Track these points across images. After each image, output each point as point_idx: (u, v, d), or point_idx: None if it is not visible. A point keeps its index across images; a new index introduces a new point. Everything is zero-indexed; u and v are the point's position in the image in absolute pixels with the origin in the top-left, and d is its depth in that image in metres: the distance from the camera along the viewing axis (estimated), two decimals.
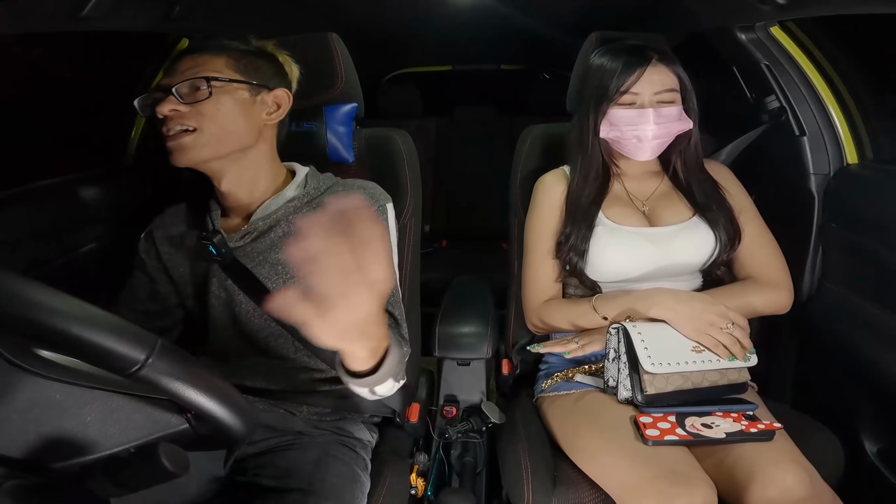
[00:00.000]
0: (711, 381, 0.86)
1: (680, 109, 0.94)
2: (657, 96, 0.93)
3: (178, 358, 0.45)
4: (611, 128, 0.96)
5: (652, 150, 0.95)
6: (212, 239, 0.83)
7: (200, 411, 0.47)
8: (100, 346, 0.41)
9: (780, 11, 0.96)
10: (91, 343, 0.41)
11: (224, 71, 0.81)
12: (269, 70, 0.86)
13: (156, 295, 0.91)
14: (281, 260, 0.85)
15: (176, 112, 0.79)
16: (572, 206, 0.99)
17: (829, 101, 1.10)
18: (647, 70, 0.92)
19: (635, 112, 0.93)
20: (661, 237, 0.96)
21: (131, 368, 0.43)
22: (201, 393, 0.46)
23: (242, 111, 0.82)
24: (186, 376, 0.45)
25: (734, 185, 1.03)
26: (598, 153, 0.99)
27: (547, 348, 1.00)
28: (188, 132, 0.79)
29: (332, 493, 0.76)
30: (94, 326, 0.42)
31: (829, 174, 1.11)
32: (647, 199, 1.02)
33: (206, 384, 0.47)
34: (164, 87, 0.80)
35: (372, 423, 0.96)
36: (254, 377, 0.88)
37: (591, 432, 0.85)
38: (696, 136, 0.99)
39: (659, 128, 0.92)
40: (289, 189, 0.88)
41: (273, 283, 0.85)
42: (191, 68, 0.80)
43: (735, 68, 1.22)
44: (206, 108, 0.79)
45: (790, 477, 0.73)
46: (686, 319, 0.87)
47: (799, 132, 1.12)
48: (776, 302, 0.96)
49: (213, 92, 0.79)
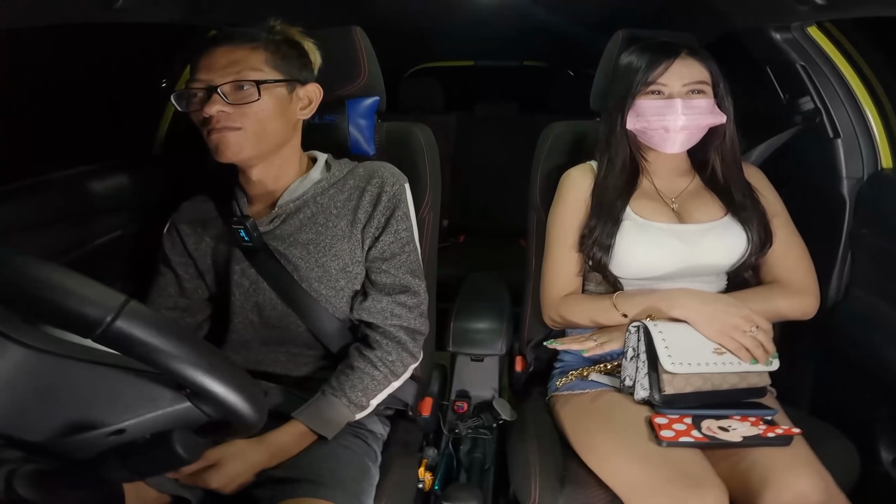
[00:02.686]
0: (731, 384, 0.85)
1: (711, 102, 0.92)
2: (686, 87, 0.91)
3: (150, 318, 0.43)
4: (637, 118, 0.94)
5: (680, 142, 0.93)
6: (244, 223, 0.84)
7: (180, 376, 0.44)
8: (59, 304, 0.40)
9: (818, 12, 0.94)
10: (50, 301, 0.40)
11: (264, 68, 0.81)
12: (299, 61, 0.87)
13: (183, 290, 0.92)
14: (312, 239, 0.87)
15: (222, 113, 0.79)
16: (598, 199, 0.97)
17: (866, 102, 1.06)
18: (675, 62, 0.90)
19: (662, 102, 0.91)
20: (691, 235, 0.94)
21: (96, 328, 0.40)
22: (179, 354, 0.43)
23: (281, 110, 0.84)
24: (161, 338, 0.42)
25: (767, 188, 1.00)
26: (626, 146, 0.98)
27: (565, 345, 0.99)
28: (232, 129, 0.80)
29: (341, 484, 0.77)
30: (53, 283, 0.40)
31: (862, 178, 1.07)
32: (677, 197, 1.00)
33: (183, 345, 0.44)
34: (205, 85, 0.80)
35: (385, 416, 0.97)
36: (274, 364, 0.90)
37: (604, 432, 0.85)
38: (733, 133, 0.97)
39: (687, 118, 0.90)
40: (314, 172, 0.91)
41: (305, 262, 0.87)
42: (231, 64, 0.79)
43: (768, 68, 1.19)
44: (253, 109, 0.80)
45: (805, 482, 0.72)
46: (709, 321, 0.85)
47: (833, 134, 1.09)
48: (802, 307, 0.94)
49: (262, 93, 0.80)
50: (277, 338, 0.90)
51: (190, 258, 0.92)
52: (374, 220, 0.88)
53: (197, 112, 0.81)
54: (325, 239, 0.87)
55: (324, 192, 0.89)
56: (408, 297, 0.88)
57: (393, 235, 0.88)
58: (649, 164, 1.01)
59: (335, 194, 0.89)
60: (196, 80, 0.81)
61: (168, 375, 0.45)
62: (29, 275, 0.41)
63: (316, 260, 0.87)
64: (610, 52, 1.09)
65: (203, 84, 0.80)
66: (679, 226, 0.96)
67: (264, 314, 0.89)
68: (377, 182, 0.89)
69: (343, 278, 0.88)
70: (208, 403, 0.47)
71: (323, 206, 0.88)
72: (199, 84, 0.80)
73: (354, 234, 0.88)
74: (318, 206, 0.88)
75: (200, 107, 0.80)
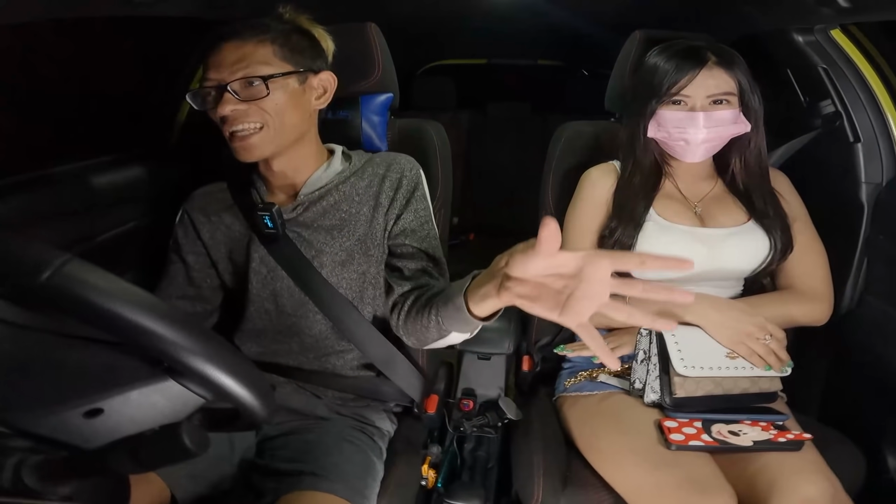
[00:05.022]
0: (743, 389, 0.84)
1: (736, 112, 0.90)
2: (710, 98, 0.89)
3: (90, 270, 0.39)
4: (659, 128, 0.93)
5: (701, 153, 0.92)
6: (270, 210, 0.84)
7: (120, 328, 0.40)
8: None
9: (842, 15, 0.92)
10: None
11: (273, 61, 0.80)
12: (310, 50, 0.86)
13: (192, 279, 0.92)
14: (336, 225, 0.88)
15: (237, 111, 0.79)
16: (621, 199, 0.96)
17: (888, 107, 1.04)
18: (700, 73, 0.88)
19: (684, 114, 0.90)
20: (713, 239, 0.93)
21: (29, 280, 0.38)
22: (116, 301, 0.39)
23: (296, 102, 0.83)
24: (99, 292, 0.39)
25: (791, 193, 0.99)
26: (650, 151, 0.97)
27: (576, 352, 0.98)
28: (254, 132, 0.80)
29: (345, 479, 0.77)
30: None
31: (881, 184, 1.05)
32: (700, 201, 0.98)
33: (118, 292, 0.40)
34: (215, 83, 0.79)
35: (392, 413, 0.97)
36: (287, 355, 0.91)
37: (611, 434, 0.84)
38: (759, 140, 0.95)
39: (709, 131, 0.89)
40: (335, 162, 0.92)
41: (330, 246, 0.88)
42: (239, 61, 0.79)
43: (789, 71, 1.17)
44: (267, 104, 0.80)
45: (813, 488, 0.71)
46: (722, 328, 0.85)
47: (853, 139, 1.07)
48: (815, 314, 0.93)
49: (270, 88, 0.79)
50: (292, 327, 0.90)
51: (203, 247, 0.92)
52: (397, 202, 0.89)
53: (213, 111, 0.81)
54: (349, 224, 0.88)
55: (346, 181, 0.90)
56: (434, 268, 0.87)
57: (413, 214, 0.89)
58: (672, 168, 0.99)
59: (356, 182, 0.90)
60: (208, 79, 0.81)
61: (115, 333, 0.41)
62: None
63: (340, 244, 0.88)
64: (626, 53, 1.08)
65: (214, 83, 0.80)
66: (701, 229, 0.95)
67: (280, 302, 0.89)
68: (397, 168, 0.91)
69: (365, 261, 0.89)
70: (178, 366, 0.43)
71: (346, 194, 0.89)
72: (211, 83, 0.80)
73: (377, 218, 0.88)
74: (341, 194, 0.89)
75: (215, 105, 0.80)
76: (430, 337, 0.79)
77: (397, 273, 0.87)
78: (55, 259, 0.39)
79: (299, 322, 0.89)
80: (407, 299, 0.83)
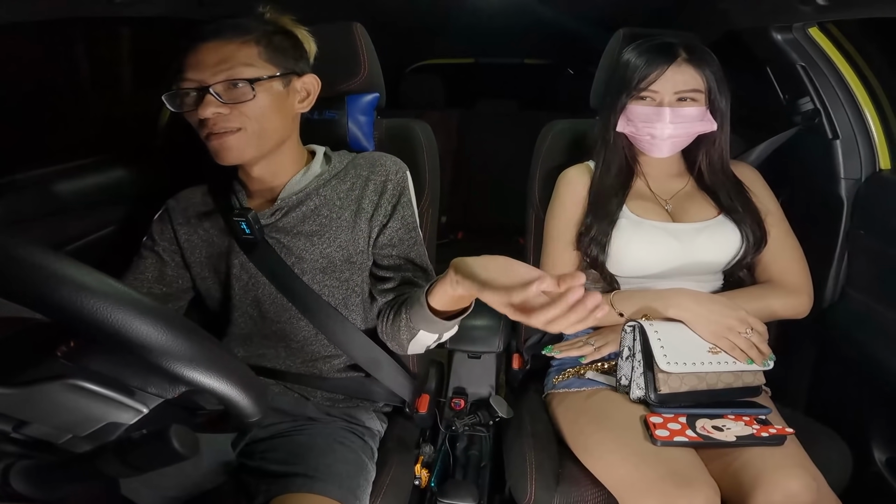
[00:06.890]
0: (726, 383, 0.86)
1: (702, 110, 0.92)
2: (677, 94, 0.91)
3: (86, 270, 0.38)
4: (627, 123, 0.95)
5: (667, 148, 0.94)
6: (245, 216, 0.82)
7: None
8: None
9: (821, 12, 0.93)
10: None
11: (257, 63, 0.78)
12: (293, 52, 0.84)
13: (163, 277, 0.89)
14: (316, 231, 0.86)
15: (218, 115, 0.76)
16: (595, 197, 0.98)
17: (866, 104, 1.06)
18: (669, 69, 0.90)
19: (652, 109, 0.91)
20: (685, 233, 0.95)
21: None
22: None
23: (279, 105, 0.81)
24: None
25: (761, 188, 1.01)
26: (619, 148, 0.99)
27: (563, 352, 0.99)
28: (232, 132, 0.78)
29: (337, 480, 0.77)
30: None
31: (860, 179, 1.07)
32: (671, 198, 1.00)
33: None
34: (196, 84, 0.76)
35: (382, 413, 0.97)
36: (274, 360, 0.90)
37: (599, 430, 0.85)
38: (724, 139, 0.97)
39: (675, 127, 0.91)
40: (314, 165, 0.90)
41: (310, 253, 0.86)
42: (222, 62, 0.75)
43: (769, 68, 1.19)
44: (249, 108, 0.77)
45: (796, 482, 0.73)
46: (704, 322, 0.86)
47: (832, 135, 1.09)
48: (795, 306, 0.95)
49: (256, 91, 0.76)
50: (277, 332, 0.89)
51: (178, 247, 0.90)
52: (381, 208, 0.87)
53: (191, 113, 0.77)
54: (330, 230, 0.86)
55: (326, 184, 0.88)
56: (421, 275, 0.87)
57: (400, 222, 0.87)
58: (643, 166, 1.01)
59: (337, 185, 0.88)
60: (186, 80, 0.76)
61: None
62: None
63: (321, 251, 0.86)
64: (611, 51, 1.09)
65: (194, 84, 0.76)
66: (673, 225, 0.96)
67: (263, 308, 0.88)
68: (381, 171, 0.88)
69: (347, 269, 0.87)
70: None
71: (326, 198, 0.87)
72: (191, 84, 0.76)
73: (359, 225, 0.86)
74: (321, 198, 0.87)
75: (194, 107, 0.76)
76: (403, 338, 0.80)
77: (382, 283, 0.87)
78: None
79: (284, 328, 0.88)
80: (392, 308, 0.83)
